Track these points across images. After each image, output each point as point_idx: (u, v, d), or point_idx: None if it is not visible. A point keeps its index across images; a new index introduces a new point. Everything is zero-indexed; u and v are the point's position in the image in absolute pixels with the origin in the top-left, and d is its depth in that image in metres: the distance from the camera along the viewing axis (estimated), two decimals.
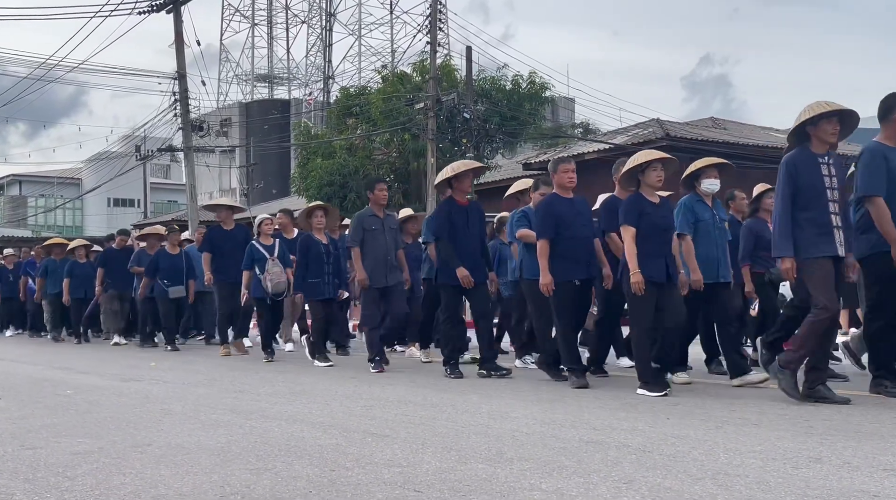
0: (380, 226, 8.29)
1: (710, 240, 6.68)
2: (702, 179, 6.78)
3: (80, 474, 3.53)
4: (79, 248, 14.07)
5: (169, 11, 22.29)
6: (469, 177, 7.55)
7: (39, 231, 48.54)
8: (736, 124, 28.76)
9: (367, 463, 3.65)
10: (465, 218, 7.40)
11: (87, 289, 13.48)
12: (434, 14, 24.89)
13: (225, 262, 10.27)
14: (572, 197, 6.85)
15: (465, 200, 7.54)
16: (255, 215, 13.04)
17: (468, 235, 7.40)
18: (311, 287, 8.75)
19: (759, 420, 4.73)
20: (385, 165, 26.75)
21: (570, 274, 6.61)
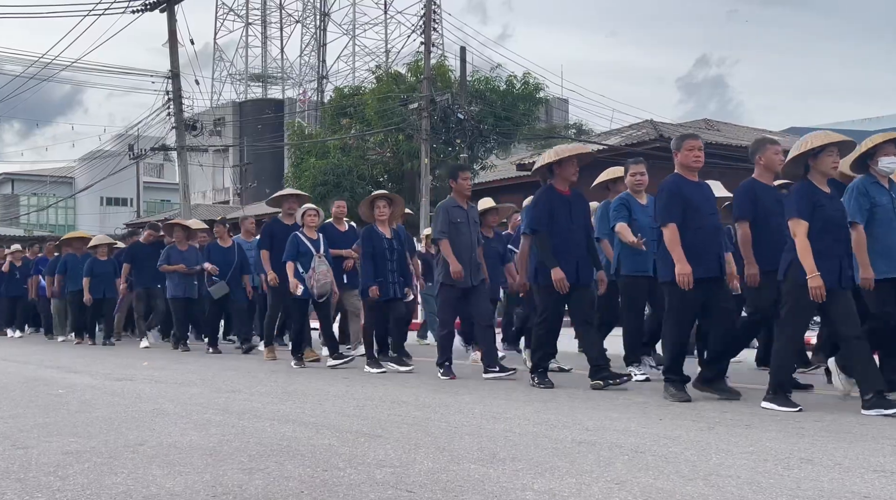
0: (464, 218, 7.41)
1: (891, 227, 5.67)
2: (878, 157, 5.79)
3: (71, 473, 3.52)
4: (101, 246, 13.27)
5: (163, 10, 22.25)
6: (573, 163, 6.66)
7: (32, 230, 48.37)
8: (729, 126, 28.84)
9: (359, 463, 3.65)
10: (567, 209, 6.56)
11: (107, 289, 12.80)
12: (428, 14, 24.90)
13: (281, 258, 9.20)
14: (698, 180, 5.93)
15: (568, 189, 6.68)
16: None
17: (571, 229, 6.54)
18: None
19: (750, 422, 4.74)
20: (379, 166, 26.77)
21: (695, 271, 5.59)
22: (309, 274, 8.54)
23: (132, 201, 51.18)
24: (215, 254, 10.90)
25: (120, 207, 58.30)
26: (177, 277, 11.27)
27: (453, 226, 7.32)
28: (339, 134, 27.12)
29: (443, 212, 7.43)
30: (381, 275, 7.93)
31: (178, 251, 11.39)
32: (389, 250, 8.05)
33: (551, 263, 6.41)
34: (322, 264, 8.62)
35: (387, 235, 8.07)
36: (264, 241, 9.35)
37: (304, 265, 8.59)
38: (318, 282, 8.53)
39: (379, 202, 8.15)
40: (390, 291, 8.01)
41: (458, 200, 7.49)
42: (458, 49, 24.98)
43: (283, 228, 9.29)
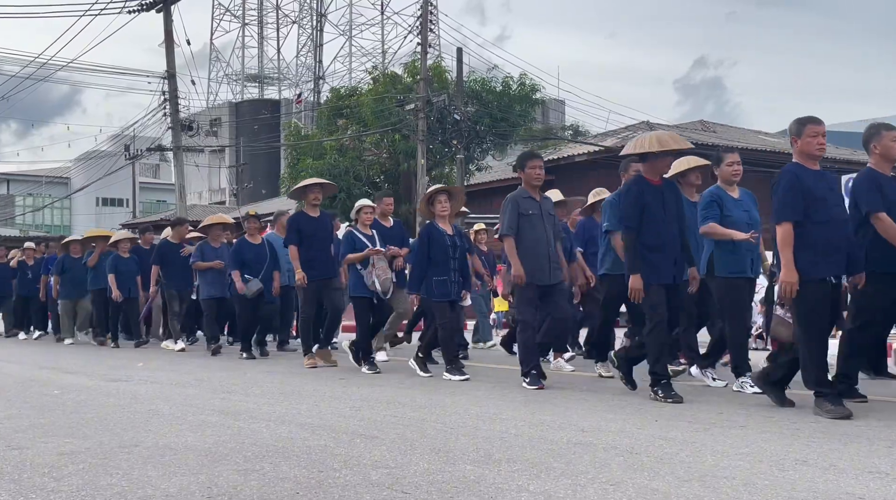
0: (537, 210, 6.71)
1: None
2: None
3: (66, 474, 3.52)
4: (122, 241, 12.65)
5: (159, 11, 22.24)
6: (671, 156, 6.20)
7: (27, 230, 48.27)
8: (725, 127, 28.91)
9: (355, 464, 3.65)
10: (660, 201, 5.91)
11: (131, 287, 12.17)
12: (425, 15, 24.91)
13: (313, 255, 8.53)
14: (819, 169, 5.36)
15: (659, 180, 6.04)
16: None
17: (666, 222, 5.87)
18: (436, 287, 7.40)
19: (746, 423, 4.75)
20: (375, 166, 26.75)
21: (822, 270, 5.10)
22: (368, 270, 8.05)
23: (128, 202, 51.12)
24: (247, 251, 10.14)
25: (116, 207, 58.23)
26: (210, 275, 10.74)
27: (525, 218, 6.67)
28: (336, 135, 27.11)
29: (512, 205, 6.70)
30: (443, 274, 7.39)
31: (213, 248, 10.88)
32: (452, 247, 7.48)
33: (634, 267, 5.82)
34: (381, 259, 8.14)
35: (448, 232, 7.52)
36: (292, 236, 8.60)
37: (363, 263, 8.14)
38: (380, 278, 8.04)
39: (439, 197, 7.58)
40: (452, 291, 7.45)
41: (529, 190, 6.82)
42: (455, 50, 24.94)
43: (309, 222, 8.66)
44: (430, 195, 7.68)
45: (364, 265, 8.07)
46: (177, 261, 11.31)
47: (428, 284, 7.41)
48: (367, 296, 8.14)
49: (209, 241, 10.99)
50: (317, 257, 8.52)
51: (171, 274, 11.35)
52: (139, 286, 12.21)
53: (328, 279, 8.57)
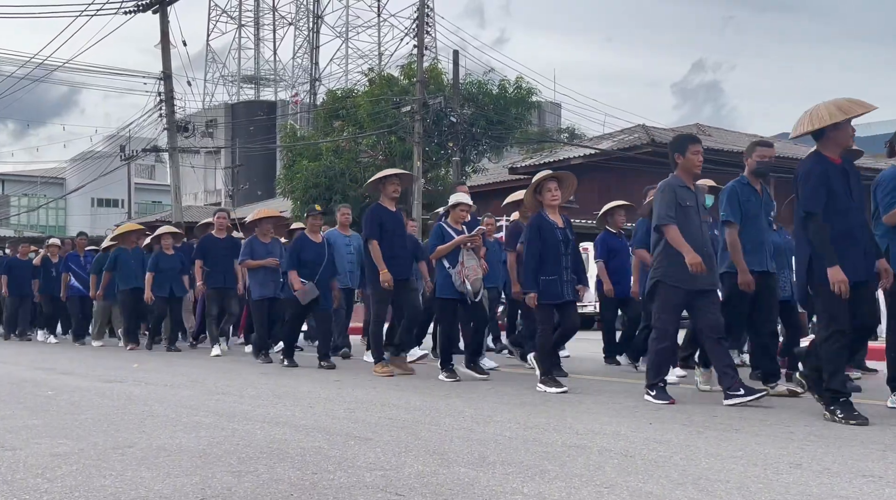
0: (693, 202, 5.91)
1: None
2: None
3: (59, 475, 3.50)
4: (165, 236, 11.61)
5: (155, 12, 22.22)
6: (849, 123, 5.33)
7: (22, 230, 48.14)
8: (721, 131, 28.97)
9: (349, 466, 3.64)
10: (845, 182, 5.23)
11: (174, 286, 11.34)
12: (421, 17, 24.92)
13: (393, 252, 7.87)
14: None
15: (839, 157, 5.29)
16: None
17: (852, 208, 5.20)
18: (545, 287, 6.55)
19: (740, 426, 4.75)
20: (371, 168, 26.72)
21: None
22: (457, 270, 7.29)
23: (123, 203, 51.06)
24: (307, 249, 8.95)
25: (111, 208, 58.16)
26: (261, 274, 9.67)
27: (681, 210, 5.81)
28: (332, 136, 27.10)
29: (669, 192, 5.87)
30: (554, 273, 6.54)
31: (262, 244, 9.79)
32: (564, 241, 6.61)
33: (831, 258, 4.94)
34: (471, 257, 7.40)
35: (559, 224, 6.67)
36: (373, 229, 7.81)
37: (452, 260, 7.39)
38: (470, 278, 7.30)
39: (549, 184, 6.69)
40: (564, 291, 6.60)
41: (685, 178, 5.98)
42: (452, 52, 24.96)
43: (390, 216, 7.93)
44: (538, 183, 6.74)
45: (452, 264, 7.36)
46: (221, 257, 10.53)
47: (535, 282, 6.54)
48: (455, 298, 7.41)
49: (258, 236, 9.87)
50: (397, 255, 7.90)
51: (213, 272, 10.58)
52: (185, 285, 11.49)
53: (406, 280, 7.99)
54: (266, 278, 9.67)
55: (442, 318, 7.63)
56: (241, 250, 9.85)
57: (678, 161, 5.97)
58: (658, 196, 5.93)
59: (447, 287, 7.41)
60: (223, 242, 10.68)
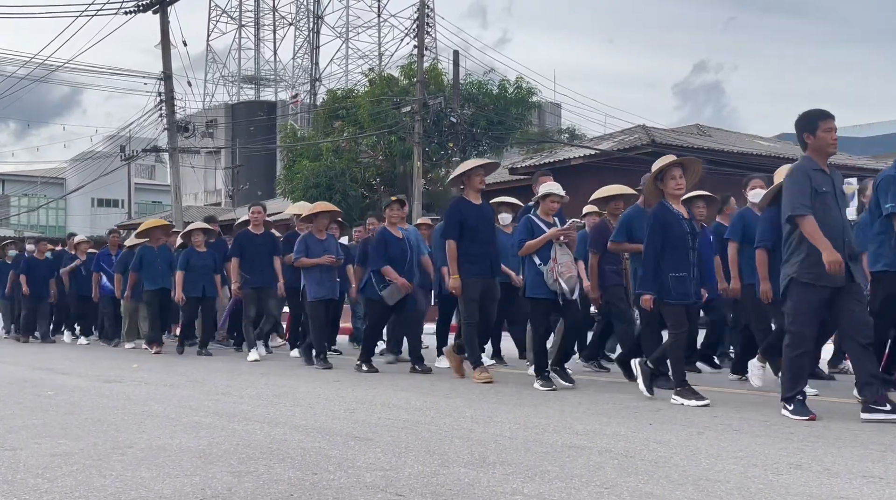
0: (830, 187, 5.19)
1: None
2: None
3: (59, 475, 3.51)
4: (196, 232, 10.82)
5: (156, 12, 22.22)
6: None
7: (22, 231, 48.15)
8: (721, 132, 28.97)
9: (349, 467, 3.64)
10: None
11: (206, 285, 10.62)
12: (421, 18, 24.94)
13: (477, 249, 7.21)
14: None
15: None
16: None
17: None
18: (673, 285, 5.88)
19: (740, 426, 4.75)
20: (371, 168, 26.76)
21: None
22: (549, 267, 6.62)
23: (123, 203, 51.07)
24: (391, 245, 8.21)
25: (111, 208, 58.15)
26: (318, 273, 8.85)
27: (818, 197, 5.12)
28: (332, 137, 27.11)
29: (802, 176, 5.15)
30: (682, 269, 5.87)
31: (318, 241, 8.94)
32: (691, 234, 5.93)
33: None
34: (565, 253, 6.75)
35: (684, 215, 6.01)
36: (452, 227, 7.21)
37: (544, 257, 6.72)
38: (564, 275, 6.64)
39: (673, 171, 5.96)
40: (691, 291, 5.92)
41: (818, 160, 5.23)
42: (452, 53, 24.99)
43: (473, 210, 7.28)
44: (660, 170, 6.01)
45: (544, 260, 6.68)
46: (258, 254, 9.85)
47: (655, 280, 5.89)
48: (548, 297, 6.71)
49: (314, 232, 9.02)
50: (483, 253, 7.22)
51: (250, 270, 9.84)
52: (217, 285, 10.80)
53: (492, 279, 7.36)
54: (323, 277, 8.84)
55: (535, 320, 6.93)
56: (296, 248, 9.01)
57: (808, 141, 5.24)
58: (789, 182, 5.21)
59: (538, 286, 6.71)
60: (260, 239, 10.00)
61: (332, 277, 8.91)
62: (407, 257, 8.25)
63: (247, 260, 9.84)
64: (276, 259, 9.92)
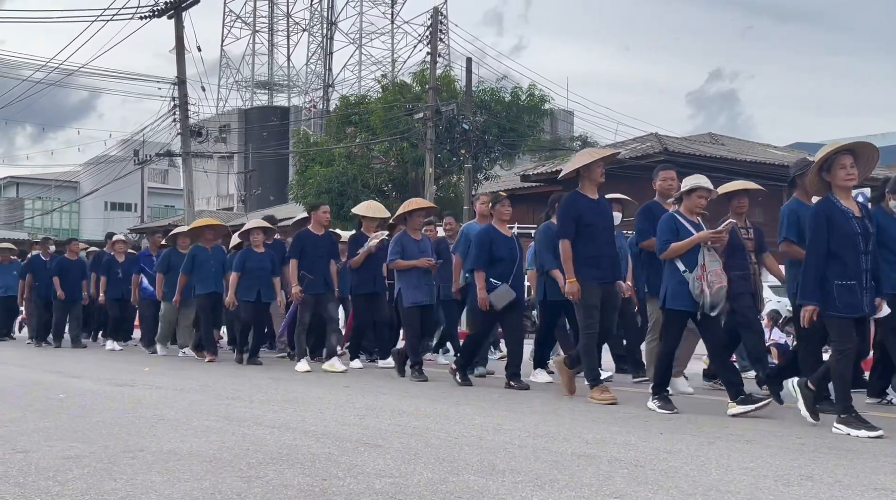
0: None
1: None
2: None
3: (70, 478, 3.52)
4: (255, 231, 10.02)
5: (170, 17, 22.36)
6: None
7: (36, 233, 48.46)
8: (734, 140, 28.88)
9: (358, 473, 3.64)
10: None
11: (263, 289, 9.84)
12: (435, 25, 25.00)
13: (597, 250, 6.45)
14: None
15: None
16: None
17: None
18: (839, 295, 5.13)
19: (751, 437, 4.73)
20: (383, 174, 26.80)
21: None
22: (696, 274, 5.74)
23: (136, 207, 51.33)
24: (498, 244, 7.38)
25: (124, 211, 58.46)
26: (414, 277, 8.14)
27: None
28: (345, 142, 27.18)
29: None
30: (852, 276, 5.07)
31: (414, 242, 8.28)
32: (863, 235, 5.13)
33: None
34: (714, 259, 5.82)
35: (854, 213, 5.18)
36: (568, 224, 6.41)
37: (689, 263, 5.83)
38: (713, 286, 5.71)
39: (842, 159, 5.17)
40: (864, 302, 5.14)
41: None
42: (465, 60, 25.03)
43: (591, 206, 6.50)
44: (825, 158, 5.21)
45: (689, 267, 5.80)
46: (320, 257, 9.06)
47: (824, 290, 5.08)
48: (689, 310, 5.81)
49: (409, 232, 8.37)
50: (601, 253, 6.46)
51: (310, 274, 8.96)
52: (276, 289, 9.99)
53: (611, 284, 6.63)
54: (420, 280, 8.17)
55: (668, 333, 5.94)
56: (390, 249, 8.33)
57: None
58: None
59: (680, 296, 5.80)
60: (322, 240, 9.14)
61: (429, 280, 8.28)
62: (516, 256, 7.42)
63: (306, 263, 8.96)
64: (332, 263, 9.18)
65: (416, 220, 8.39)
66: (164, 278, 11.16)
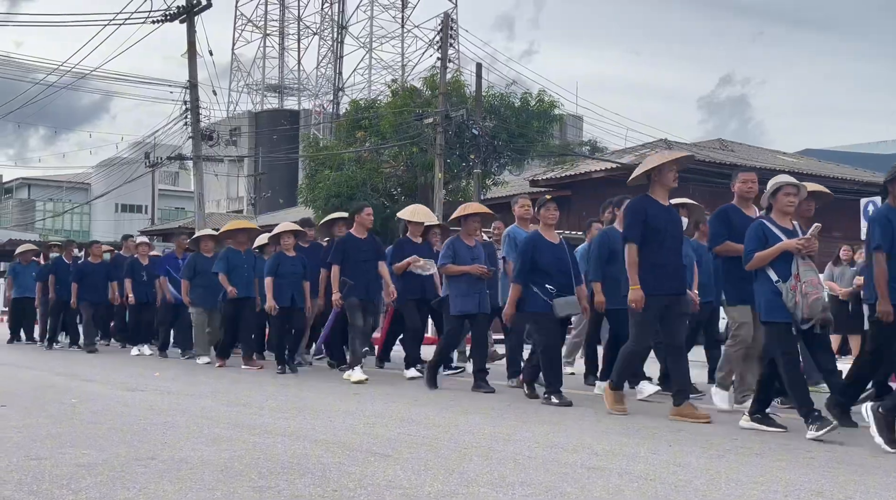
0: None
1: None
2: None
3: (84, 486, 3.55)
4: (286, 234, 9.66)
5: (182, 21, 22.46)
6: None
7: (47, 235, 48.70)
8: (744, 146, 28.82)
9: (369, 484, 3.66)
10: None
11: (296, 295, 9.55)
12: (445, 30, 25.03)
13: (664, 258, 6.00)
14: None
15: None
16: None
17: None
18: None
19: (761, 450, 4.73)
20: (393, 179, 26.83)
21: None
22: (790, 285, 5.32)
23: (146, 209, 51.53)
24: (542, 251, 6.88)
25: (134, 213, 58.70)
26: (464, 284, 7.71)
27: None
28: (354, 146, 27.24)
29: None
30: None
31: (467, 247, 7.85)
32: None
33: None
34: (809, 269, 5.38)
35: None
36: (635, 228, 5.97)
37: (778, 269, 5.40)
38: (808, 297, 5.26)
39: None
40: None
41: None
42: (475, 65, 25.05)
43: (662, 211, 6.08)
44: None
45: (783, 276, 5.35)
46: (363, 262, 8.59)
47: None
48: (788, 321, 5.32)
49: (462, 236, 7.94)
50: (667, 262, 5.97)
51: (354, 280, 8.52)
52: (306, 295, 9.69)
53: (678, 296, 6.09)
54: (471, 288, 7.72)
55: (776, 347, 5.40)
56: (442, 253, 7.93)
57: None
58: None
59: (777, 307, 5.35)
60: (366, 243, 8.71)
61: (480, 288, 7.77)
62: (567, 265, 6.93)
63: (349, 268, 8.53)
64: (381, 264, 8.71)
65: (471, 224, 7.98)
66: (189, 284, 10.87)
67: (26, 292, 14.46)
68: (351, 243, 8.65)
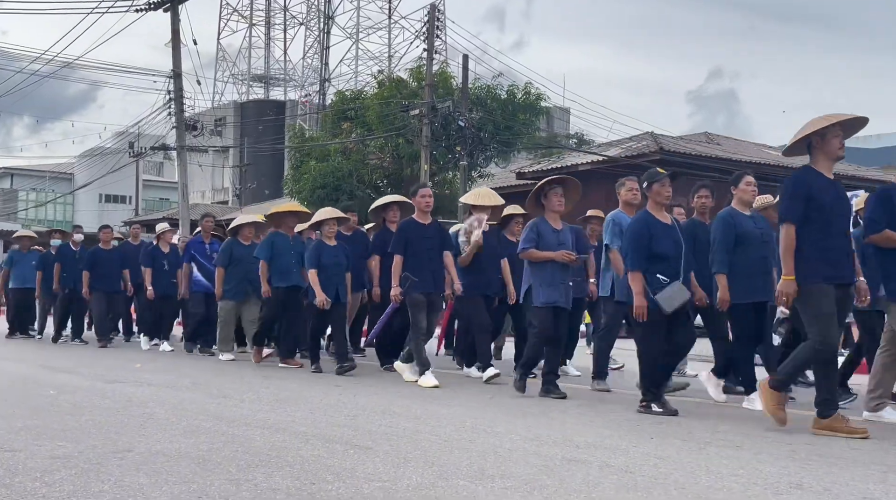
0: None
1: None
2: None
3: (58, 479, 3.50)
4: (328, 222, 8.62)
5: (166, 10, 22.25)
6: None
7: (30, 225, 48.32)
8: (730, 140, 28.90)
9: (348, 477, 3.63)
10: None
11: (340, 287, 8.52)
12: (432, 21, 24.94)
13: (829, 242, 5.11)
14: None
15: None
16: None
17: None
18: None
19: (741, 443, 4.73)
20: (379, 170, 26.75)
21: None
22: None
23: (131, 199, 51.17)
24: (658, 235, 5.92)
25: (118, 204, 58.25)
26: (549, 272, 6.80)
27: None
28: (340, 137, 27.13)
29: None
30: None
31: (553, 230, 6.86)
32: None
33: None
34: None
35: None
36: (795, 206, 5.07)
37: None
38: None
39: None
40: None
41: None
42: (461, 57, 25.01)
43: (827, 187, 5.18)
44: None
45: None
46: (427, 250, 7.56)
47: None
48: None
49: (546, 217, 6.92)
50: (837, 246, 5.11)
51: (418, 271, 7.49)
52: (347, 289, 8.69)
53: (847, 287, 5.38)
54: (555, 277, 6.78)
55: None
56: (524, 236, 6.94)
57: None
58: None
59: None
60: (430, 230, 7.63)
61: (565, 278, 6.83)
62: (681, 250, 5.96)
63: (411, 258, 7.47)
64: (447, 255, 7.68)
65: (554, 202, 6.82)
66: (224, 273, 9.84)
67: (26, 282, 13.23)
68: (414, 230, 7.54)
